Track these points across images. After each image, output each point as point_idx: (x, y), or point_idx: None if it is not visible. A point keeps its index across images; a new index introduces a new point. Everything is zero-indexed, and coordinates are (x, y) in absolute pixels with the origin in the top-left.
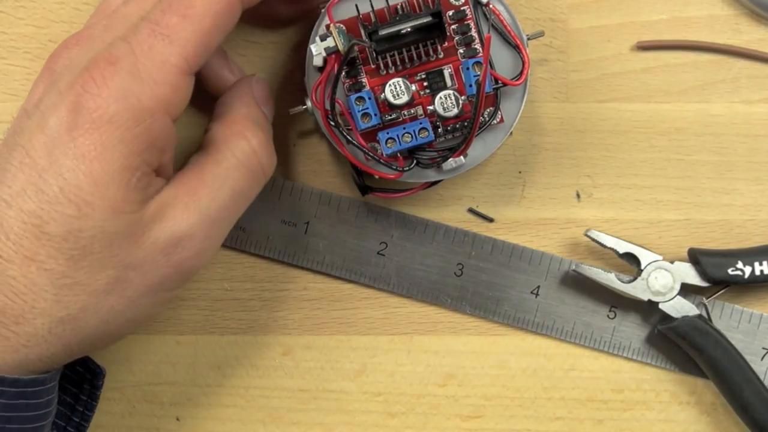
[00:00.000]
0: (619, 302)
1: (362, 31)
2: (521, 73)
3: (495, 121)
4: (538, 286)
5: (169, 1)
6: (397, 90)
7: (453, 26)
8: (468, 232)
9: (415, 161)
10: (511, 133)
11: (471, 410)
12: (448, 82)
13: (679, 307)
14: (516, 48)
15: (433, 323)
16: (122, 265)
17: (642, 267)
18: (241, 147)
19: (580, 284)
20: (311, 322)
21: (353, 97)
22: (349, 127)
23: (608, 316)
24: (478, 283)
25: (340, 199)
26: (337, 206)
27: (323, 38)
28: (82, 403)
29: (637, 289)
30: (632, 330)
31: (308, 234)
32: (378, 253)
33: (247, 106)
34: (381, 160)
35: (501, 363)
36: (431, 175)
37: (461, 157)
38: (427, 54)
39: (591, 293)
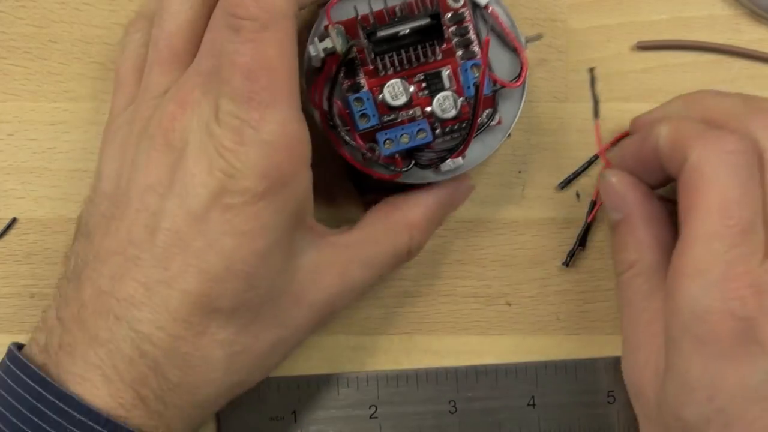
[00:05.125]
0: None
1: (361, 32)
2: (519, 75)
3: (493, 123)
4: (533, 396)
5: (233, 65)
6: (395, 91)
7: (451, 28)
8: (449, 369)
9: (413, 162)
10: (510, 134)
11: None
12: (447, 84)
13: None
14: (514, 50)
15: (433, 323)
16: (284, 326)
17: None
18: (403, 242)
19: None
20: None
21: (352, 97)
22: (348, 128)
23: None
24: (472, 413)
25: (319, 379)
26: (317, 389)
27: (322, 39)
28: None
29: None
30: None
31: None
32: (371, 417)
33: (432, 208)
34: (379, 161)
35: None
36: (430, 176)
37: (460, 158)
38: (426, 55)
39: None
